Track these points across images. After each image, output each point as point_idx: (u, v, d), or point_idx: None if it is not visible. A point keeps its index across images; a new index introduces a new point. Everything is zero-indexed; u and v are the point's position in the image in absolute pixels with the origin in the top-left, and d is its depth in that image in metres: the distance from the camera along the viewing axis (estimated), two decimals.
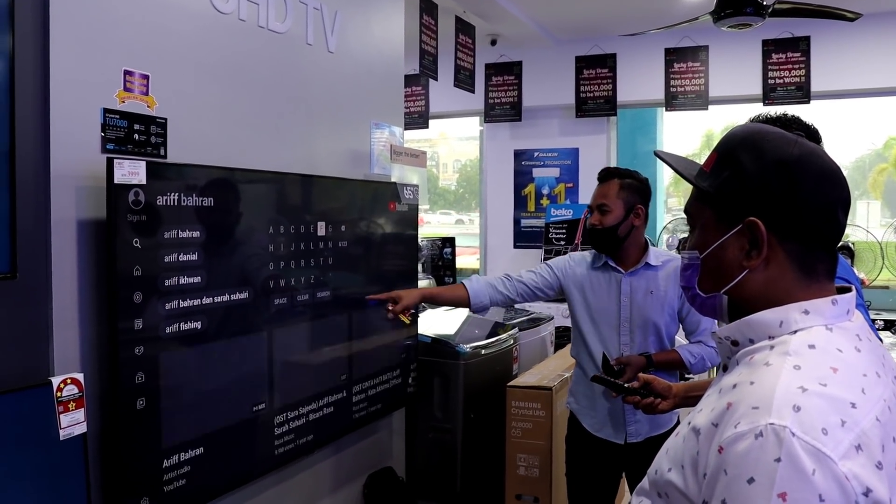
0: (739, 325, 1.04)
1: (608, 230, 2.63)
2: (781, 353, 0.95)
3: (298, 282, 2.69)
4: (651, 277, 2.66)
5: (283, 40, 2.80)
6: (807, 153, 1.01)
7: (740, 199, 1.03)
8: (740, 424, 0.88)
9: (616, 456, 2.69)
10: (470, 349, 3.64)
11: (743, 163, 1.03)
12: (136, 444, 2.07)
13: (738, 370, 1.00)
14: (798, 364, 0.92)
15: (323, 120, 3.05)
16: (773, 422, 0.85)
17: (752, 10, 3.87)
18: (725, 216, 1.05)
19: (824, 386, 0.89)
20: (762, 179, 1.01)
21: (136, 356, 2.05)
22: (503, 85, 6.18)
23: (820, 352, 0.94)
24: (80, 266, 2.04)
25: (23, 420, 1.78)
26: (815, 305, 0.99)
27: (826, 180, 1.01)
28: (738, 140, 1.06)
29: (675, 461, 1.00)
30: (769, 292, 1.02)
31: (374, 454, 3.48)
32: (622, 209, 2.63)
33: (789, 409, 0.86)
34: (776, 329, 1.00)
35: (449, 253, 5.96)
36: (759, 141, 1.04)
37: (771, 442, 0.84)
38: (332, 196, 2.92)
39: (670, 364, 2.63)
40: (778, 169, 1.00)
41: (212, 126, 2.48)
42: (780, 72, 5.39)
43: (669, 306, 2.65)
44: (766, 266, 1.02)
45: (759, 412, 0.87)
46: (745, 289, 1.05)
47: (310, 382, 2.80)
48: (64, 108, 1.98)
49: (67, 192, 2.00)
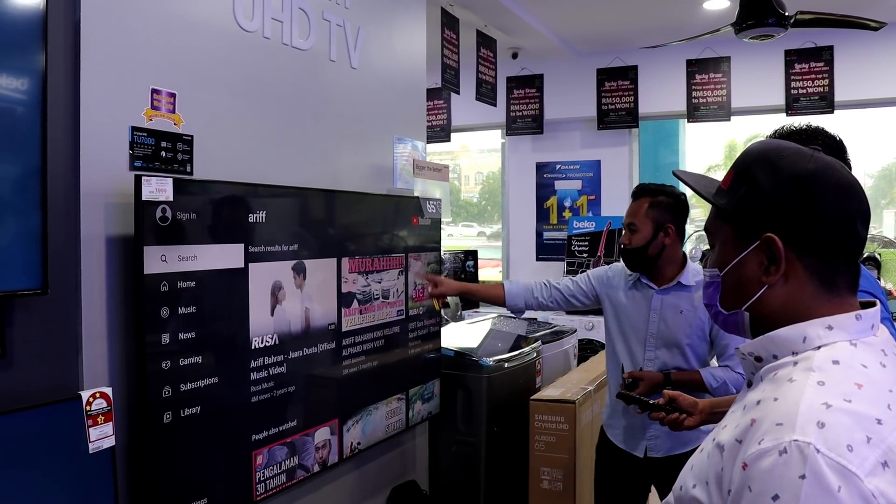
0: (763, 341, 1.03)
1: (637, 251, 2.62)
2: (805, 368, 0.95)
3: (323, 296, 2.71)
4: (684, 297, 2.63)
5: (306, 57, 2.84)
6: (823, 167, 1.01)
7: (757, 215, 1.03)
8: (764, 441, 0.87)
9: (639, 469, 2.68)
10: (493, 362, 3.63)
11: (759, 179, 1.04)
12: (162, 458, 2.09)
13: (761, 386, 1.00)
14: (822, 380, 0.92)
15: (346, 135, 3.08)
16: (797, 438, 0.85)
17: (774, 22, 3.86)
18: (743, 233, 1.06)
19: (849, 402, 0.88)
20: (778, 195, 1.02)
21: (163, 370, 2.08)
22: (525, 98, 6.19)
23: (844, 367, 0.94)
24: (109, 281, 2.07)
25: (53, 434, 1.82)
26: (839, 321, 0.99)
27: (843, 193, 1.00)
28: (753, 157, 1.07)
29: (699, 477, 0.99)
30: (790, 307, 1.02)
31: (398, 467, 3.48)
32: (650, 228, 2.60)
33: (813, 425, 0.85)
34: (799, 345, 0.99)
35: (472, 266, 5.97)
36: (774, 157, 1.04)
37: (795, 458, 0.83)
38: (355, 211, 2.95)
39: (690, 384, 2.57)
40: (794, 184, 1.01)
41: (237, 142, 2.52)
42: (803, 82, 5.36)
43: (699, 328, 2.62)
44: (786, 281, 1.02)
45: (782, 428, 0.87)
46: (765, 305, 1.05)
47: (335, 396, 2.82)
48: (93, 127, 2.03)
49: (96, 208, 2.04)
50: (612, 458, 2.75)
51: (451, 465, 3.70)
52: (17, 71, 1.76)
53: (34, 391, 1.87)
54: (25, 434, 1.75)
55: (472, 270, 5.95)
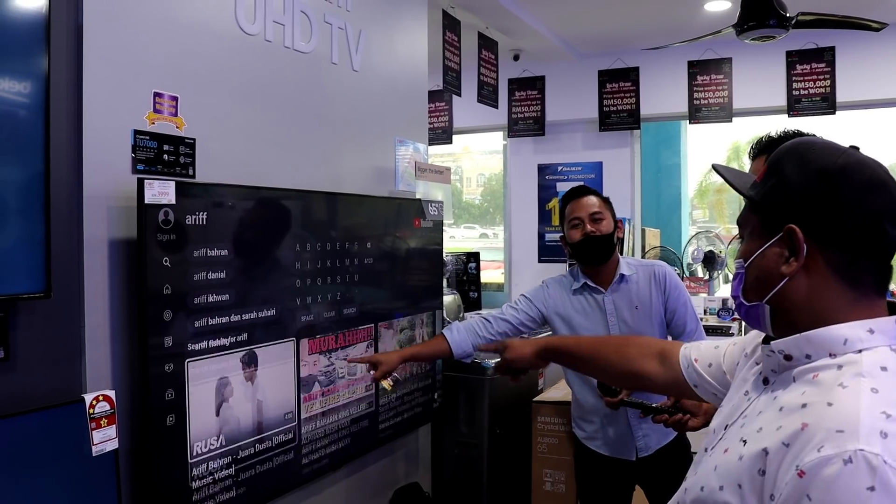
0: (798, 340, 1.01)
1: (607, 237, 2.62)
2: (854, 374, 0.93)
3: (325, 298, 2.72)
4: (632, 290, 2.64)
5: (308, 60, 2.84)
6: (853, 162, 1.00)
7: (782, 206, 1.03)
8: (825, 448, 0.85)
9: (628, 472, 2.69)
10: (495, 364, 3.64)
11: (787, 172, 1.04)
12: (165, 460, 2.09)
13: (797, 387, 0.98)
14: (875, 387, 0.90)
15: (348, 138, 3.08)
16: (862, 448, 0.83)
17: (776, 23, 3.85)
18: (769, 224, 1.06)
19: None
20: (804, 187, 1.01)
21: (165, 373, 2.09)
22: (526, 100, 6.19)
23: (892, 375, 0.92)
24: (112, 285, 2.08)
25: (57, 437, 1.82)
26: (881, 325, 0.98)
27: (872, 191, 0.99)
28: (785, 150, 1.07)
29: (728, 480, 0.97)
30: (813, 302, 1.01)
31: (401, 469, 3.48)
32: (610, 218, 2.66)
33: (877, 435, 0.84)
34: (839, 347, 0.97)
35: (474, 268, 5.97)
36: (805, 151, 1.04)
37: (862, 469, 0.81)
38: (357, 213, 2.95)
39: None
40: (820, 177, 1.00)
41: (239, 145, 2.52)
42: (804, 83, 5.35)
43: (657, 316, 2.64)
44: (808, 275, 1.01)
45: (844, 436, 0.85)
46: (786, 298, 1.04)
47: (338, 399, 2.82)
48: (96, 130, 2.03)
49: (99, 212, 2.05)
50: (597, 467, 2.74)
51: (453, 466, 3.71)
52: (21, 74, 1.77)
53: (38, 394, 1.87)
54: (29, 437, 1.76)
55: (474, 272, 5.95)
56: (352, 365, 2.83)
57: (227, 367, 2.30)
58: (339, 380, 2.80)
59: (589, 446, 2.74)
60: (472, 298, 5.83)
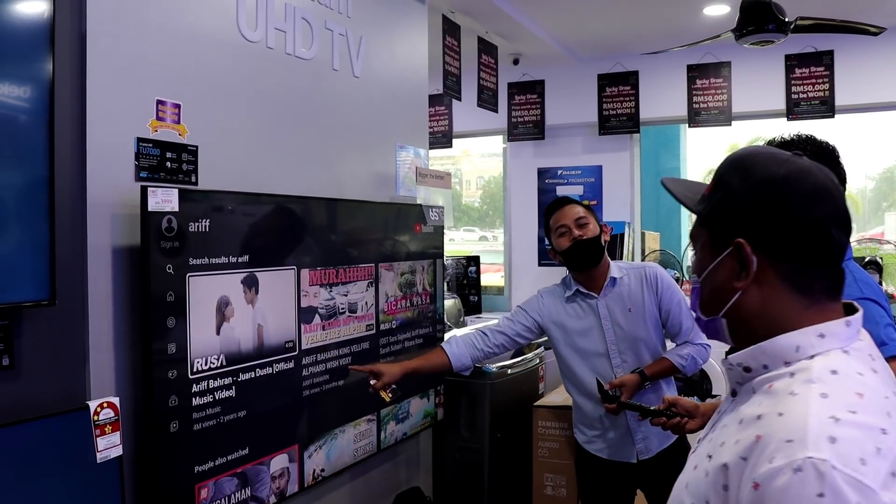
0: (754, 352, 1.01)
1: (594, 240, 2.64)
2: (805, 380, 0.93)
3: (328, 304, 2.72)
4: (624, 294, 2.66)
5: (309, 66, 2.85)
6: (796, 171, 1.00)
7: (729, 220, 1.03)
8: (776, 459, 0.85)
9: (629, 475, 2.70)
10: (496, 369, 3.65)
11: (731, 184, 1.04)
12: (169, 466, 2.10)
13: (756, 399, 0.98)
14: (824, 392, 0.90)
15: (349, 143, 3.09)
16: (811, 455, 0.83)
17: (775, 27, 3.86)
18: (718, 238, 1.05)
19: (854, 414, 0.87)
20: (748, 199, 1.01)
21: (169, 379, 2.10)
22: (526, 103, 6.20)
23: (843, 377, 0.92)
24: (115, 292, 2.09)
25: (62, 443, 1.83)
26: (830, 328, 0.98)
27: (816, 198, 0.99)
28: (728, 162, 1.07)
29: (697, 497, 0.97)
30: (766, 313, 1.01)
31: (402, 474, 3.49)
32: (595, 223, 2.68)
33: (825, 440, 0.84)
34: (792, 354, 0.98)
35: (474, 272, 5.98)
36: (748, 162, 1.04)
37: (811, 476, 0.82)
38: (358, 219, 2.96)
39: (664, 372, 2.65)
40: (763, 188, 1.00)
41: (241, 152, 2.53)
42: (803, 86, 5.36)
43: (651, 317, 2.66)
44: (760, 287, 1.01)
45: (794, 445, 0.85)
46: (741, 310, 1.04)
47: (340, 405, 2.83)
48: (99, 138, 2.04)
49: (103, 219, 2.06)
50: (598, 471, 2.75)
51: (454, 471, 3.71)
52: (25, 81, 1.78)
53: (42, 401, 1.88)
54: (35, 444, 1.77)
55: (474, 276, 5.96)
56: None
57: (228, 376, 2.31)
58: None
59: (589, 450, 2.75)
60: (473, 302, 5.84)
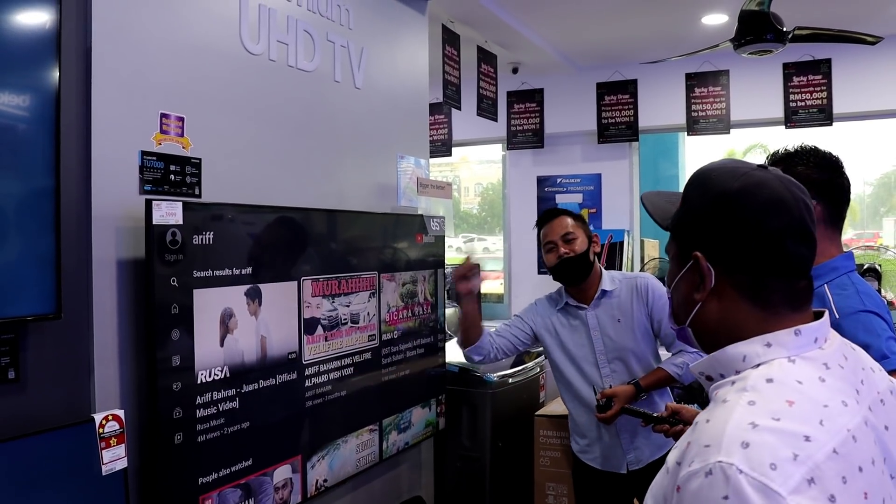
0: (710, 361, 1.05)
1: (582, 256, 2.66)
2: (739, 389, 0.96)
3: (330, 315, 2.73)
4: (614, 305, 2.68)
5: (311, 78, 2.87)
6: (752, 184, 1.02)
7: (689, 234, 1.08)
8: (694, 463, 0.89)
9: (621, 485, 2.71)
10: (497, 378, 3.66)
11: (692, 199, 1.08)
12: (173, 478, 2.11)
13: (709, 406, 1.01)
14: (753, 399, 0.92)
15: (351, 154, 3.11)
16: (721, 459, 0.86)
17: (773, 37, 3.88)
18: (682, 251, 1.09)
19: (777, 420, 0.89)
20: (704, 213, 1.05)
21: (173, 391, 2.10)
22: (525, 112, 6.22)
23: (777, 385, 0.94)
24: (120, 305, 2.10)
25: (67, 456, 1.83)
26: (777, 337, 1.00)
27: (769, 211, 1.01)
28: (692, 177, 1.11)
29: (656, 496, 1.01)
30: (726, 325, 1.04)
31: (404, 483, 3.49)
32: (584, 236, 2.69)
33: (737, 445, 0.86)
34: (740, 363, 1.01)
35: None
36: (705, 177, 1.08)
37: (719, 480, 0.84)
38: (360, 229, 2.98)
39: (660, 383, 2.66)
40: (716, 202, 1.03)
41: (244, 164, 2.55)
42: (801, 94, 5.39)
43: (641, 328, 2.67)
44: (720, 299, 1.05)
45: (710, 450, 0.88)
46: (703, 321, 1.08)
47: (342, 415, 2.83)
48: (104, 151, 2.05)
49: (107, 232, 2.07)
50: (593, 481, 2.78)
51: (456, 480, 3.72)
52: (33, 92, 1.79)
53: (48, 414, 1.89)
54: (40, 458, 1.77)
55: None
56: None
57: (232, 388, 2.31)
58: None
59: (583, 459, 2.78)
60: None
